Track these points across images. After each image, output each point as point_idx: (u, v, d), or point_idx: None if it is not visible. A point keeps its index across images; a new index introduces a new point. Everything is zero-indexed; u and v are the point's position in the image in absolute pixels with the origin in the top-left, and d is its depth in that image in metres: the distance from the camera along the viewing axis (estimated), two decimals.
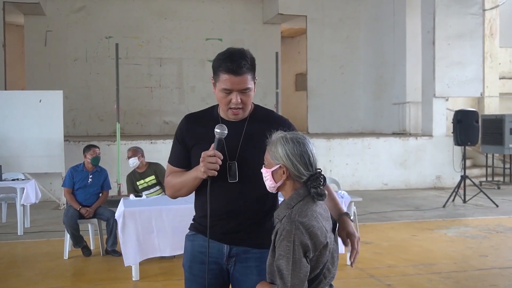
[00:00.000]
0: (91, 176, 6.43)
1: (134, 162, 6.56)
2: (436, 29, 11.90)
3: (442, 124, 12.29)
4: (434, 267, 5.77)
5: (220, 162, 2.30)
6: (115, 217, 5.65)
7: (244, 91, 2.32)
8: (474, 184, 10.19)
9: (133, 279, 5.30)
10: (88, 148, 6.52)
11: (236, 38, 15.08)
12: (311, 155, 2.16)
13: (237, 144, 2.38)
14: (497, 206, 9.53)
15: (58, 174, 10.02)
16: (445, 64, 11.99)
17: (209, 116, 2.49)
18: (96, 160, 6.45)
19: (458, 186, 9.90)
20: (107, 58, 14.07)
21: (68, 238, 6.16)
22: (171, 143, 2.58)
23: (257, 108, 2.51)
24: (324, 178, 2.17)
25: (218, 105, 2.49)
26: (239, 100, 2.33)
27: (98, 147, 6.60)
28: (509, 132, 11.91)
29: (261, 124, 2.42)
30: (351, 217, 2.28)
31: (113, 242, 6.19)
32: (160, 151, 10.30)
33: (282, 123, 2.45)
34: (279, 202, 2.30)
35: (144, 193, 6.42)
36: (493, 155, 12.90)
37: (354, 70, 15.37)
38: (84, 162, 6.50)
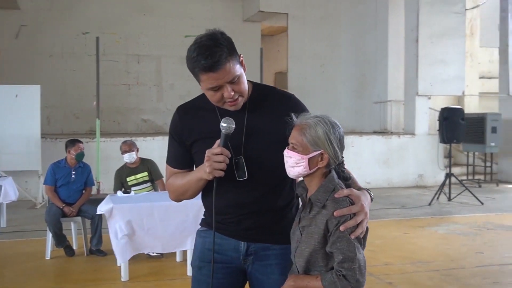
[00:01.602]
0: (74, 172, 6.13)
1: (131, 156, 6.29)
2: (420, 27, 11.88)
3: (425, 122, 12.27)
4: (432, 264, 5.64)
5: (228, 161, 2.03)
6: (97, 214, 5.40)
7: (232, 80, 2.02)
8: (460, 182, 10.15)
9: (122, 279, 5.04)
10: (71, 143, 6.21)
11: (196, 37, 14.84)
12: (344, 138, 2.02)
13: (240, 136, 2.09)
14: (482, 203, 9.51)
15: (34, 172, 9.65)
16: (428, 62, 11.97)
17: (204, 105, 2.18)
18: (80, 155, 6.15)
19: (443, 184, 9.85)
20: (84, 55, 13.68)
21: (50, 237, 5.85)
22: (151, 141, 2.31)
23: (255, 88, 2.20)
24: None
25: None
26: (232, 93, 2.02)
27: (82, 142, 6.30)
28: (491, 131, 11.92)
29: (264, 108, 2.16)
30: (371, 195, 2.06)
31: (98, 241, 5.90)
32: (139, 148, 10.01)
33: (287, 102, 2.19)
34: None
35: (133, 189, 6.16)
36: (474, 153, 12.93)
37: (336, 69, 15.28)
38: (66, 158, 6.19)
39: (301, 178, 2.06)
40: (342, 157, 2.01)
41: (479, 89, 14.45)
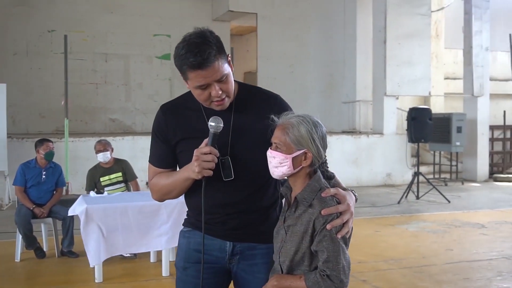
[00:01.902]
0: (44, 172, 6.01)
1: (105, 156, 6.19)
2: (388, 29, 12.06)
3: (393, 122, 12.46)
4: (404, 261, 5.74)
5: (216, 160, 2.02)
6: (69, 214, 5.32)
7: (221, 79, 2.01)
8: (427, 181, 10.35)
9: (96, 281, 4.96)
10: (40, 142, 6.08)
11: (184, 34, 14.74)
12: (326, 136, 2.05)
13: (226, 136, 2.09)
14: (449, 201, 9.72)
15: (0, 172, 9.40)
16: (396, 63, 12.16)
17: (189, 104, 2.18)
18: (50, 155, 6.03)
19: (412, 182, 10.03)
20: (50, 53, 13.40)
21: (20, 239, 5.72)
22: (121, 141, 2.28)
23: (241, 89, 2.19)
24: None
25: None
26: (219, 92, 2.01)
27: (51, 141, 6.17)
28: (456, 130, 12.20)
29: (250, 108, 2.15)
30: (356, 195, 2.09)
31: (70, 242, 5.80)
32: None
33: (273, 102, 2.20)
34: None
35: (106, 189, 6.08)
36: (440, 153, 13.20)
37: (304, 69, 15.36)
38: (36, 158, 6.06)
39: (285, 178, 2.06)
40: (325, 156, 2.02)
41: (444, 90, 14.75)
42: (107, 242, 4.88)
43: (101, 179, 6.19)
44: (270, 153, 2.00)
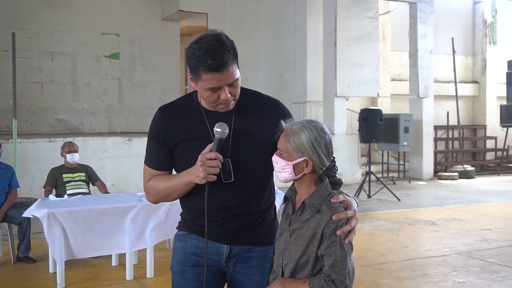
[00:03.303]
0: None
1: (74, 157, 6.28)
2: (338, 31, 12.28)
3: (343, 122, 12.70)
4: (364, 259, 5.88)
5: (220, 165, 2.05)
6: (25, 215, 5.17)
7: (232, 83, 2.05)
8: (378, 180, 10.63)
9: (58, 287, 4.82)
10: None
11: (134, 33, 14.53)
12: (331, 143, 2.05)
13: (227, 138, 2.10)
14: (399, 200, 10.01)
15: None
16: (346, 65, 12.41)
17: (189, 106, 2.20)
18: None
19: (364, 181, 10.28)
20: None
21: None
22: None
23: (243, 93, 2.19)
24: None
25: (196, 92, 2.19)
26: (229, 95, 2.05)
27: None
28: (403, 130, 12.58)
29: (251, 112, 2.19)
30: (357, 201, 2.14)
31: (26, 247, 5.63)
32: (57, 150, 9.63)
33: (274, 107, 2.24)
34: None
35: (67, 185, 6.06)
36: (388, 152, 13.58)
37: (255, 69, 15.43)
38: None
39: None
40: (334, 161, 2.05)
41: (390, 91, 15.16)
42: (72, 245, 4.76)
43: (64, 175, 6.16)
44: (274, 158, 2.03)
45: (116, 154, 10.51)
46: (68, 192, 5.95)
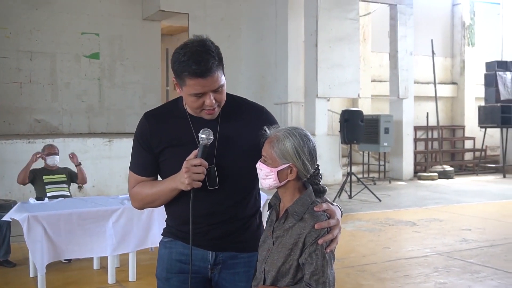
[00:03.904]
0: None
1: (54, 159, 6.22)
2: (319, 32, 12.33)
3: (324, 123, 12.76)
4: (346, 261, 5.91)
5: (206, 172, 2.04)
6: (4, 219, 5.11)
7: (217, 89, 2.04)
8: (359, 180, 10.70)
9: None
10: None
11: (114, 33, 14.41)
12: (315, 150, 2.05)
13: (212, 145, 2.09)
14: (380, 200, 10.09)
15: None
16: (327, 66, 12.46)
17: (174, 112, 2.19)
18: None
19: (345, 182, 10.33)
20: None
21: None
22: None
23: (228, 99, 2.19)
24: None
25: (181, 97, 2.18)
26: (214, 101, 2.04)
27: None
28: (384, 131, 12.68)
29: (236, 118, 2.19)
30: (341, 210, 2.15)
31: (6, 251, 5.55)
32: (36, 150, 9.51)
33: (259, 114, 2.25)
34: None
35: (47, 187, 6.00)
36: (368, 153, 13.68)
37: (236, 70, 15.41)
38: None
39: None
40: (318, 169, 2.05)
41: (371, 92, 15.26)
42: (52, 249, 4.71)
43: (44, 177, 6.10)
44: (258, 165, 2.03)
45: (96, 155, 10.42)
46: (48, 194, 5.87)
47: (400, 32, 13.61)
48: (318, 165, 2.07)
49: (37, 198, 5.53)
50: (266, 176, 2.01)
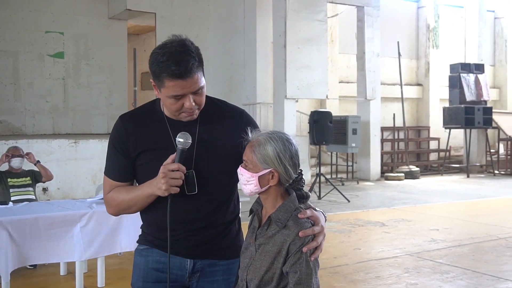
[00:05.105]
0: None
1: (21, 162, 6.03)
2: (287, 33, 12.32)
3: (293, 124, 12.75)
4: None
5: (183, 177, 1.97)
6: None
7: (197, 91, 1.98)
8: (327, 181, 10.74)
9: None
10: None
11: (79, 32, 14.12)
12: (298, 155, 2.01)
13: (191, 149, 2.02)
14: (348, 201, 10.15)
15: None
16: (295, 67, 12.46)
17: (151, 114, 2.12)
18: None
19: (314, 183, 10.35)
20: None
21: None
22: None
23: (208, 101, 2.13)
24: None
25: (159, 99, 2.11)
26: (193, 103, 1.98)
27: None
28: (352, 132, 12.77)
29: (216, 121, 2.12)
30: (325, 215, 2.11)
31: None
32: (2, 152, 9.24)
33: (239, 117, 2.19)
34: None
35: (12, 190, 5.83)
36: (337, 154, 13.75)
37: (204, 70, 15.29)
38: None
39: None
40: (301, 174, 2.01)
41: (338, 93, 15.36)
42: (17, 255, 4.54)
43: (9, 180, 5.92)
44: (239, 170, 1.98)
45: (61, 157, 10.18)
46: (13, 198, 5.69)
47: (367, 34, 13.74)
48: (301, 170, 2.03)
49: (1, 203, 5.33)
50: (247, 182, 1.95)
